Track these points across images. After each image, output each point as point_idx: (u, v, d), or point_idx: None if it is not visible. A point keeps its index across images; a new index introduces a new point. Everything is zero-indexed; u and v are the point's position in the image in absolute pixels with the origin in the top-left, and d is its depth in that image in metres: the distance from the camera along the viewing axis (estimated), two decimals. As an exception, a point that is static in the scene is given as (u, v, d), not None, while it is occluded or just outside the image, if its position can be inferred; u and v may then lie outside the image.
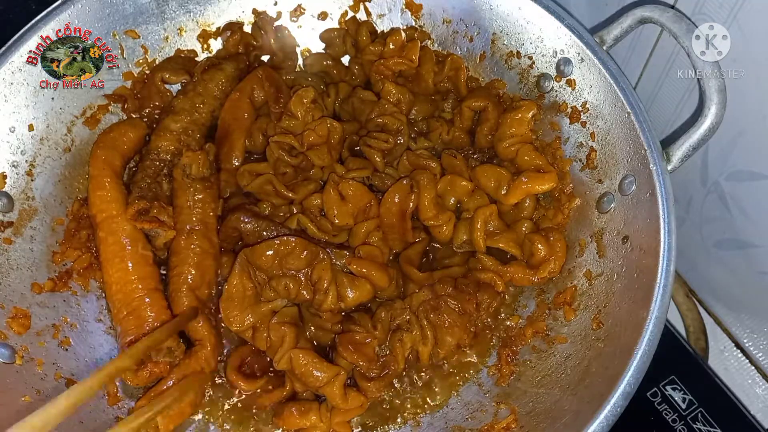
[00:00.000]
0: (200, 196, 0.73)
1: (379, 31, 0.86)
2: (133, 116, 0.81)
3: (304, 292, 0.69)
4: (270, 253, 0.68)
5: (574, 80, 0.73)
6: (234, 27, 0.85)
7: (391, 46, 0.81)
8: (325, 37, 0.87)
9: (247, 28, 0.86)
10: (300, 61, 0.88)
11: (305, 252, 0.69)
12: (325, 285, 0.68)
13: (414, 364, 0.72)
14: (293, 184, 0.76)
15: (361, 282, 0.70)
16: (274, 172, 0.76)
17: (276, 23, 0.86)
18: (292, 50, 0.87)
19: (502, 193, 0.74)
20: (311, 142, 0.76)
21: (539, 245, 0.72)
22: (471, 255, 0.75)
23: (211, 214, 0.74)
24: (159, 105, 0.81)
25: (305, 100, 0.77)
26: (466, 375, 0.73)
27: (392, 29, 0.84)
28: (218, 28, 0.85)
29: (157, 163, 0.75)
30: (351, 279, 0.70)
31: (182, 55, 0.84)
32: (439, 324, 0.70)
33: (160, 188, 0.74)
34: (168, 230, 0.72)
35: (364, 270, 0.70)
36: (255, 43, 0.85)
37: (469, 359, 0.73)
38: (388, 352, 0.69)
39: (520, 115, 0.76)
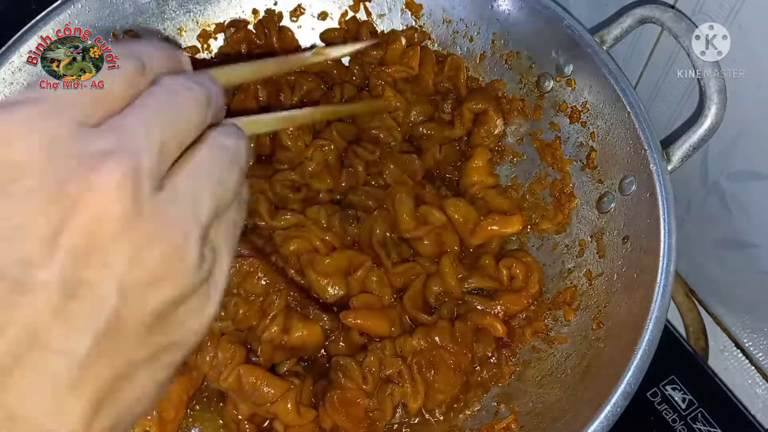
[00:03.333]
0: None
1: (379, 31, 0.86)
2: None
3: (251, 317, 0.66)
4: (232, 270, 0.65)
5: (574, 80, 0.73)
6: (239, 24, 0.85)
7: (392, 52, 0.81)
8: (325, 37, 0.87)
9: (250, 27, 0.86)
10: (300, 62, 0.88)
11: (265, 278, 0.67)
12: (274, 312, 0.65)
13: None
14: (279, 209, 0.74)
15: (314, 326, 0.67)
16: (281, 205, 0.75)
17: (280, 24, 0.86)
18: (292, 52, 0.87)
19: (469, 231, 0.74)
20: (311, 171, 0.75)
21: (515, 268, 0.72)
22: (457, 302, 0.73)
23: None
24: None
25: (290, 130, 0.76)
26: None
27: (391, 32, 0.84)
28: (221, 23, 0.84)
29: None
30: (303, 318, 0.67)
31: (183, 54, 0.84)
32: (432, 381, 0.67)
33: None
34: None
35: (359, 322, 0.67)
36: (258, 41, 0.85)
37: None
38: (376, 404, 0.66)
39: (476, 163, 0.77)
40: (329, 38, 0.86)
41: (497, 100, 0.80)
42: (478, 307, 0.71)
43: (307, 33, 0.87)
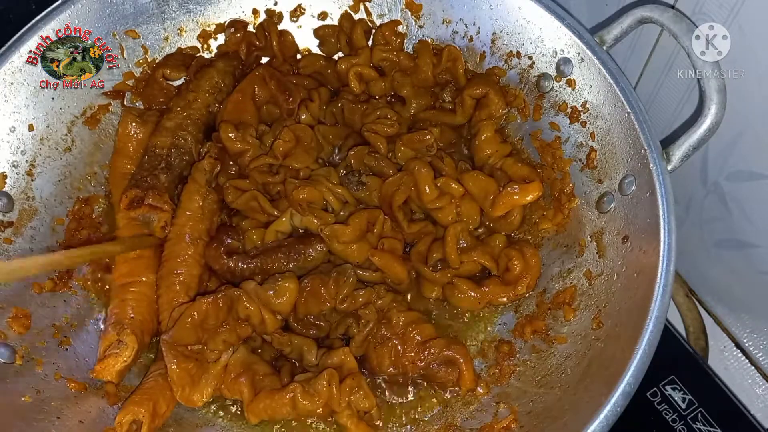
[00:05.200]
0: (214, 207, 0.74)
1: (375, 30, 0.85)
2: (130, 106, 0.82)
3: (243, 331, 0.68)
4: (189, 326, 0.66)
5: (574, 80, 0.73)
6: (239, 25, 0.85)
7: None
8: (319, 33, 0.87)
9: (250, 28, 0.86)
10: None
11: (220, 305, 0.67)
12: (256, 315, 0.67)
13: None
14: (275, 200, 0.76)
15: (281, 285, 0.69)
16: (267, 195, 0.76)
17: (281, 27, 0.86)
18: (291, 55, 0.87)
19: (489, 203, 0.74)
20: (283, 151, 0.75)
21: (515, 261, 0.72)
22: (449, 283, 0.74)
23: (214, 227, 0.74)
24: (164, 102, 0.81)
25: (231, 134, 0.75)
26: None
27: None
28: (221, 24, 0.84)
29: (153, 159, 0.75)
30: (269, 290, 0.69)
31: (183, 52, 0.84)
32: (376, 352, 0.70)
33: (158, 180, 0.74)
34: (160, 213, 0.72)
35: (386, 263, 0.71)
36: (258, 43, 0.85)
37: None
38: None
39: (484, 136, 0.77)
40: (324, 35, 0.87)
41: (498, 84, 0.81)
42: (458, 295, 0.73)
43: (307, 33, 0.87)
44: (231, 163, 0.78)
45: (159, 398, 0.65)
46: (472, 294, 0.72)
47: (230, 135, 0.75)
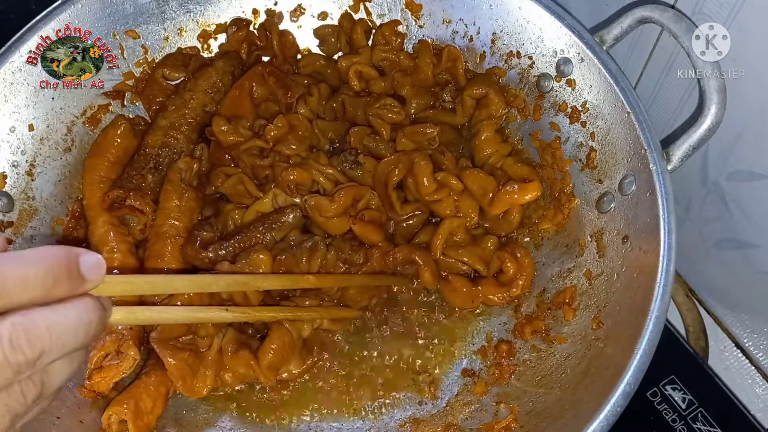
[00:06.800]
0: (192, 204, 0.73)
1: (374, 29, 0.85)
2: (124, 114, 0.81)
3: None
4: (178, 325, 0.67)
5: (574, 80, 0.73)
6: (241, 23, 0.85)
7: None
8: (319, 33, 0.87)
9: (252, 29, 0.86)
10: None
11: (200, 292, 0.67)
12: (239, 293, 0.67)
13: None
14: (262, 185, 0.76)
15: (254, 258, 0.69)
16: (255, 180, 0.76)
17: (281, 27, 0.86)
18: (292, 56, 0.87)
19: (488, 201, 0.74)
20: (274, 136, 0.76)
21: (508, 263, 0.73)
22: (443, 278, 0.75)
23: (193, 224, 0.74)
24: (163, 102, 0.81)
25: (224, 127, 0.76)
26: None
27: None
28: (221, 24, 0.85)
29: (143, 158, 0.75)
30: (244, 268, 0.68)
31: (183, 52, 0.84)
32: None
33: (144, 180, 0.74)
34: (140, 215, 0.72)
35: (363, 231, 0.73)
36: (259, 42, 0.85)
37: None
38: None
39: (484, 136, 0.77)
40: (324, 35, 0.87)
41: (498, 84, 0.81)
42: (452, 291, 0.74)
43: (307, 33, 0.87)
44: (227, 157, 0.78)
45: (142, 395, 0.65)
46: (465, 291, 0.73)
47: (222, 128, 0.75)
